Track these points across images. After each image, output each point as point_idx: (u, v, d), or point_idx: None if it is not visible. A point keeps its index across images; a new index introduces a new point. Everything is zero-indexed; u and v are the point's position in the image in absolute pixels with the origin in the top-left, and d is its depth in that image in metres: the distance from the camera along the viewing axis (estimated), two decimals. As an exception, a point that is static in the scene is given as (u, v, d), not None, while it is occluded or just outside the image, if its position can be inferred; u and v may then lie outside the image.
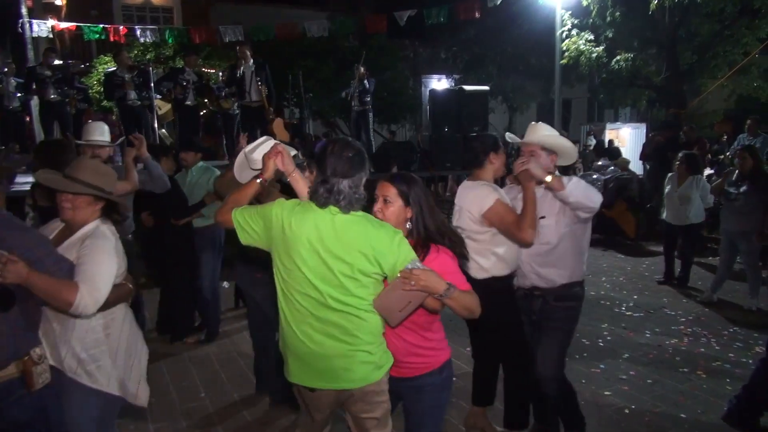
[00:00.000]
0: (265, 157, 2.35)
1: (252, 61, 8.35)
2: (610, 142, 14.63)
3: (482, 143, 3.28)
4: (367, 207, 2.22)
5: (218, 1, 19.05)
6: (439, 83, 20.82)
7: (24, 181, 5.09)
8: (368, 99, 9.98)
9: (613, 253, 8.56)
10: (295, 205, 2.19)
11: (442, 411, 2.43)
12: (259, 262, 3.38)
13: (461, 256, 2.35)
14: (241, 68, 8.28)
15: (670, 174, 6.85)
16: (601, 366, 4.54)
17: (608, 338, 5.14)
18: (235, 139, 9.24)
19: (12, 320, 2.18)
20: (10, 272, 2.01)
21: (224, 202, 2.34)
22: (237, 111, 9.03)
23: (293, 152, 2.52)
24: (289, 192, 2.62)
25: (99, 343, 2.39)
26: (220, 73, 10.13)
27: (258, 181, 2.37)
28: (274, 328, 3.01)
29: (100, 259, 2.31)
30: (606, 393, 4.08)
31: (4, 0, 13.18)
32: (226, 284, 6.98)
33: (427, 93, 14.87)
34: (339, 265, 2.10)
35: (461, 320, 2.56)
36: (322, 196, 2.09)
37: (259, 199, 2.67)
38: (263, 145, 2.49)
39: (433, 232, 2.29)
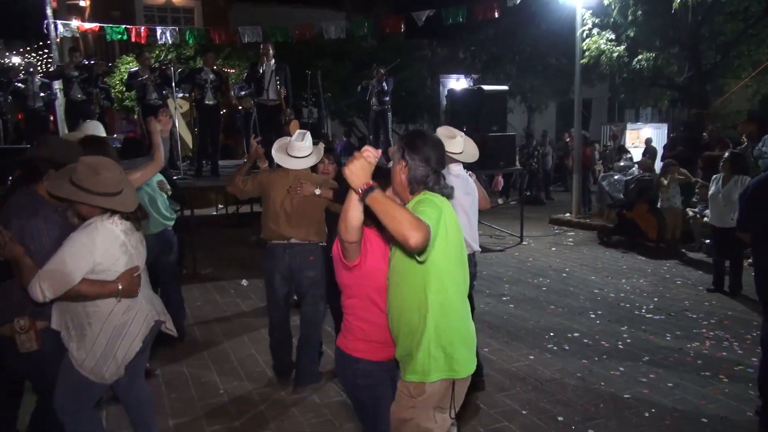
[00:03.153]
0: (355, 162, 1.99)
1: (273, 60, 8.40)
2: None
3: None
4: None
5: (237, 2, 19.21)
6: (457, 83, 20.71)
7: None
8: (387, 99, 10.00)
9: (633, 254, 8.46)
10: (438, 200, 2.17)
11: None
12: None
13: None
14: (263, 65, 8.33)
15: (715, 175, 6.71)
16: (621, 368, 4.49)
17: (628, 341, 5.09)
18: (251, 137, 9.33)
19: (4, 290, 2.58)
20: (9, 250, 2.43)
21: (409, 226, 1.86)
22: (253, 110, 9.10)
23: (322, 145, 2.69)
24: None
25: (83, 327, 2.57)
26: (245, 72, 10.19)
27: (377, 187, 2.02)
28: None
29: (68, 250, 2.42)
30: (625, 396, 4.04)
31: (30, 2, 13.44)
32: (245, 282, 7.06)
33: (445, 93, 14.84)
34: (463, 246, 2.31)
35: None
36: (443, 186, 2.23)
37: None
38: (308, 134, 2.62)
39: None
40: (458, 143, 3.74)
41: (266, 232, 4.04)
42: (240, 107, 10.21)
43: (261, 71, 8.31)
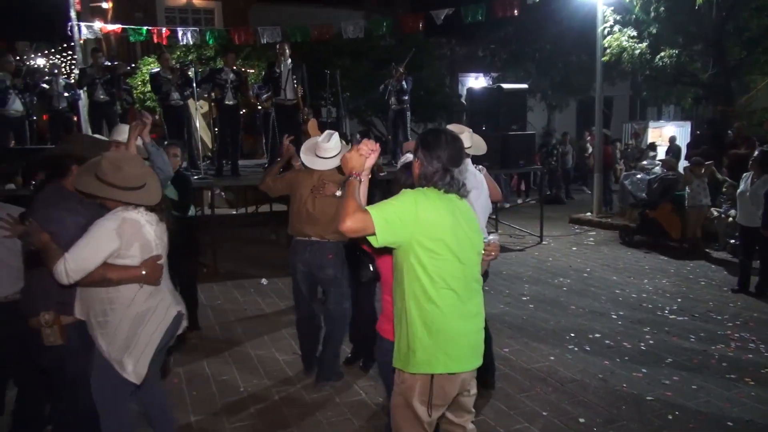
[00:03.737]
0: (355, 154, 2.28)
1: (290, 59, 8.43)
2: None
3: None
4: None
5: (257, 3, 19.32)
6: (477, 81, 20.63)
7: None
8: (406, 98, 9.97)
9: (655, 255, 8.34)
10: (425, 193, 2.28)
11: None
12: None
13: None
14: (280, 66, 8.37)
15: (745, 173, 6.59)
16: (643, 370, 4.43)
17: (650, 342, 5.02)
18: (270, 137, 9.40)
19: (32, 280, 2.69)
20: (35, 238, 2.54)
21: (345, 211, 2.11)
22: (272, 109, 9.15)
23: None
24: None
25: (105, 314, 2.61)
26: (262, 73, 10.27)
27: (357, 179, 2.26)
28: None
29: (91, 236, 2.51)
30: (648, 398, 3.99)
31: (54, 4, 13.68)
32: (264, 281, 7.10)
33: (464, 91, 14.75)
34: (474, 245, 2.35)
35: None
36: (448, 183, 2.29)
37: None
38: (334, 135, 2.68)
39: None
40: (466, 138, 3.89)
41: (291, 228, 4.22)
42: (259, 107, 10.27)
43: (278, 72, 8.36)
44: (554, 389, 4.15)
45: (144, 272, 2.60)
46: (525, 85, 10.99)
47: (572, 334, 5.21)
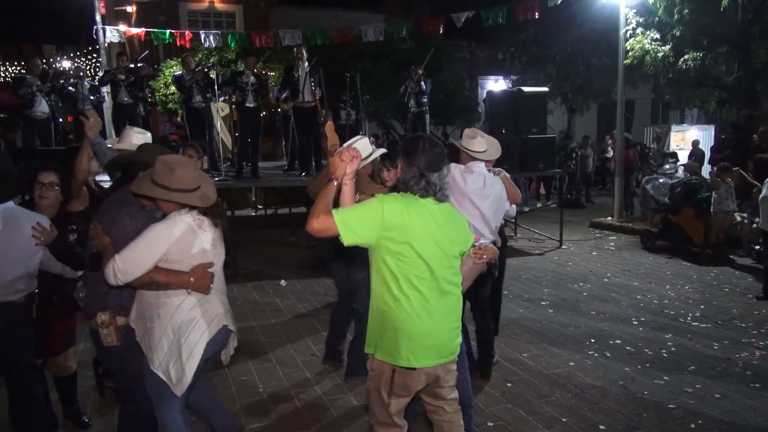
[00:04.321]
0: (336, 159, 2.45)
1: (308, 62, 8.49)
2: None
3: None
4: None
5: (278, 6, 19.49)
6: (496, 84, 20.55)
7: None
8: (425, 100, 9.98)
9: (678, 260, 8.22)
10: (397, 198, 2.40)
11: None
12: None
13: None
14: (299, 69, 8.43)
15: (767, 179, 6.47)
16: (665, 377, 4.37)
17: (672, 349, 4.94)
18: (290, 140, 9.47)
19: (93, 283, 2.73)
20: (99, 242, 2.63)
21: (313, 212, 2.32)
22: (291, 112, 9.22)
23: (382, 150, 2.93)
24: None
25: (152, 319, 2.62)
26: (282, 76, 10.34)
27: (334, 183, 2.42)
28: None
29: (142, 238, 2.53)
30: (670, 406, 3.93)
31: (80, 8, 13.94)
32: (283, 282, 7.15)
33: (484, 94, 14.70)
34: (450, 248, 2.42)
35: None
36: (423, 188, 2.38)
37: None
38: (360, 141, 2.81)
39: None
40: (479, 143, 4.05)
41: None
42: (279, 109, 10.35)
43: (296, 76, 8.42)
44: (574, 395, 4.11)
45: (192, 279, 2.59)
46: (545, 88, 10.91)
47: (592, 340, 5.16)
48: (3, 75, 20.05)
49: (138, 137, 3.89)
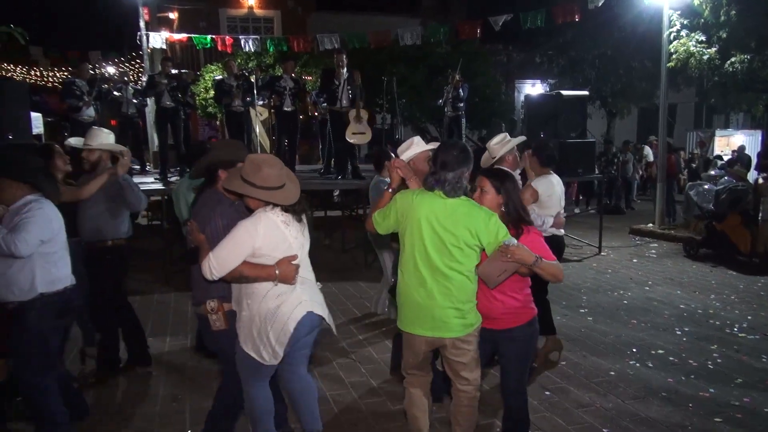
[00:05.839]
0: (389, 171, 3.11)
1: (346, 68, 8.54)
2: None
3: None
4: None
5: (315, 11, 19.69)
6: (533, 88, 20.29)
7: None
8: (461, 105, 9.94)
9: (723, 269, 7.95)
10: (413, 193, 2.87)
11: (528, 357, 3.09)
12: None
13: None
14: (339, 77, 8.49)
15: None
16: (711, 389, 4.23)
17: (718, 360, 4.78)
18: (327, 143, 9.54)
19: (197, 274, 2.87)
20: (194, 238, 2.86)
21: (369, 216, 3.09)
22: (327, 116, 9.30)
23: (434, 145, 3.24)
24: None
25: (242, 308, 2.88)
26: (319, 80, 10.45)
27: (389, 191, 3.06)
28: None
29: (231, 236, 2.73)
30: (716, 420, 3.79)
31: (124, 15, 14.36)
32: (318, 285, 7.17)
33: (521, 98, 14.54)
34: (448, 236, 2.72)
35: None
36: (429, 183, 2.78)
37: None
38: (413, 146, 3.40)
39: (521, 215, 2.94)
40: (497, 149, 4.42)
41: None
42: (316, 113, 10.44)
43: (336, 83, 8.47)
44: (615, 405, 4.01)
45: (278, 271, 2.76)
46: (585, 92, 10.73)
47: (634, 349, 5.03)
48: (51, 81, 20.81)
49: (108, 137, 4.30)
